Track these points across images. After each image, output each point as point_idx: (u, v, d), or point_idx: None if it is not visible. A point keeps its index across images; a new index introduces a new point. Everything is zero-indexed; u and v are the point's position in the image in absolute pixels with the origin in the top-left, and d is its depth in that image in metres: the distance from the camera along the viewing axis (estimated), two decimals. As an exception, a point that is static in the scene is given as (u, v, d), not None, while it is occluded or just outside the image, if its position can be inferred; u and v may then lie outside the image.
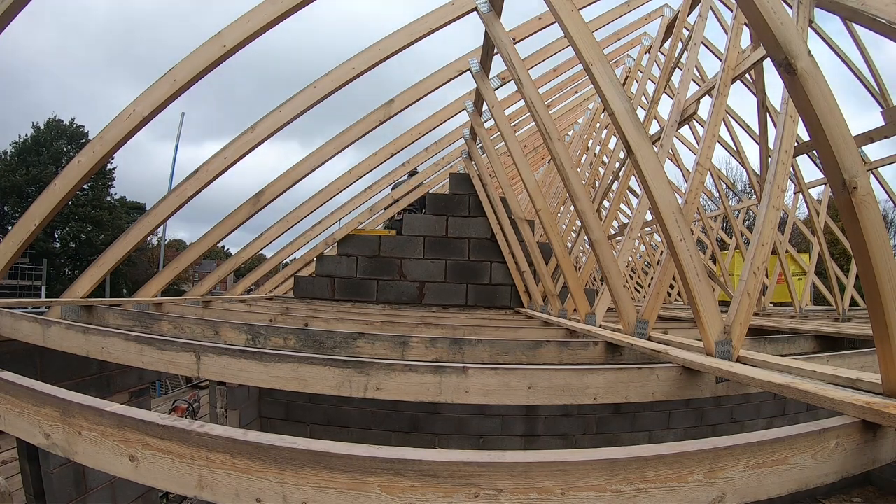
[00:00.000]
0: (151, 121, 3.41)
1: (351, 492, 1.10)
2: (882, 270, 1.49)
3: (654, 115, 6.25)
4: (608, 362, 2.94)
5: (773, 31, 1.50)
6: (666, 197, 2.37)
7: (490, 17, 4.01)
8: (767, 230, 2.55)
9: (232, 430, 1.20)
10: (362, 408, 6.65)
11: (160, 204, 4.22)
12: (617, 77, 2.56)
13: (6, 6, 2.61)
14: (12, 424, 1.48)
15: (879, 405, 1.38)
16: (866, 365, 2.24)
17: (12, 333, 2.93)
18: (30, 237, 3.51)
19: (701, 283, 2.33)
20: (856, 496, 6.30)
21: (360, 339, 2.93)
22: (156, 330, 3.30)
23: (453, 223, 7.45)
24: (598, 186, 7.13)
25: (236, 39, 3.31)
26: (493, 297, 7.33)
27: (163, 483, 1.22)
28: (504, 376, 2.07)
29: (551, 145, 3.62)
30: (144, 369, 3.31)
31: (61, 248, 33.91)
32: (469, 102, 6.05)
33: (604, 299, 3.96)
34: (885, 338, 1.53)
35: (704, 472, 1.17)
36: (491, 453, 1.13)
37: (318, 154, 5.25)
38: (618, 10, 6.10)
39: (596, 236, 3.47)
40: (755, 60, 3.55)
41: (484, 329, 3.95)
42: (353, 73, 4.13)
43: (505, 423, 6.88)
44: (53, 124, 34.29)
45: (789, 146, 2.74)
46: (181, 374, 2.66)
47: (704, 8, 4.64)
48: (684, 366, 2.18)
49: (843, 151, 1.48)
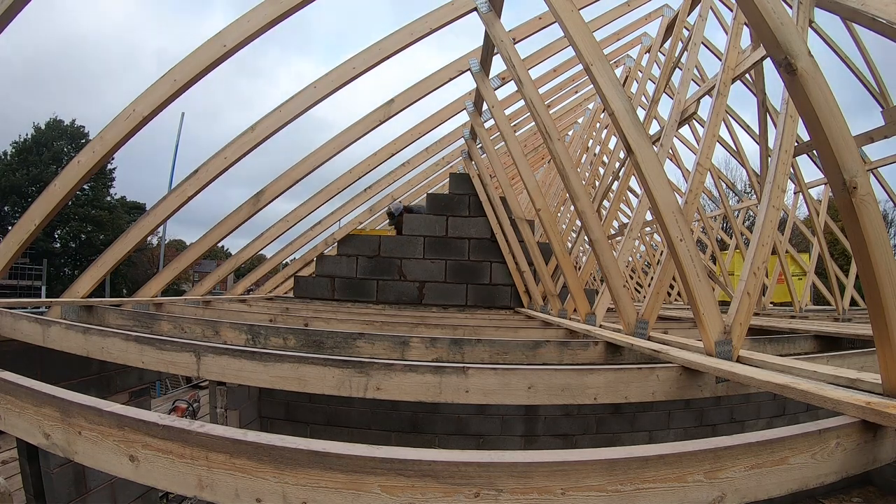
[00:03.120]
0: (151, 121, 3.42)
1: (351, 492, 1.10)
2: (882, 270, 1.48)
3: (654, 115, 6.25)
4: (608, 362, 2.94)
5: (773, 31, 1.50)
6: (666, 197, 2.37)
7: (490, 17, 4.01)
8: (767, 230, 2.55)
9: (232, 430, 1.20)
10: (362, 408, 6.65)
11: (160, 204, 4.22)
12: (617, 77, 2.56)
13: (6, 6, 2.61)
14: (12, 424, 1.48)
15: (879, 405, 1.38)
16: (866, 365, 2.24)
17: (12, 333, 2.93)
18: (30, 237, 3.52)
19: (701, 283, 2.33)
20: (856, 496, 6.29)
21: (360, 339, 2.93)
22: (156, 330, 3.30)
23: (453, 223, 7.45)
24: (598, 186, 7.13)
25: (236, 39, 3.32)
26: (493, 297, 7.33)
27: (163, 483, 1.22)
28: (504, 376, 2.07)
29: (551, 145, 3.62)
30: (144, 369, 3.31)
31: (61, 248, 33.94)
32: (469, 102, 6.05)
33: (604, 299, 3.96)
34: (886, 338, 1.53)
35: (704, 472, 1.17)
36: (491, 453, 1.12)
37: (319, 154, 5.26)
38: (618, 10, 6.10)
39: (596, 236, 3.47)
40: (755, 60, 3.55)
41: (484, 329, 3.95)
42: (353, 72, 4.13)
43: (505, 423, 6.88)
44: (53, 124, 34.34)
45: (789, 146, 2.74)
46: (181, 374, 2.65)
47: (704, 8, 4.64)
48: (684, 366, 2.18)
49: (843, 151, 1.48)
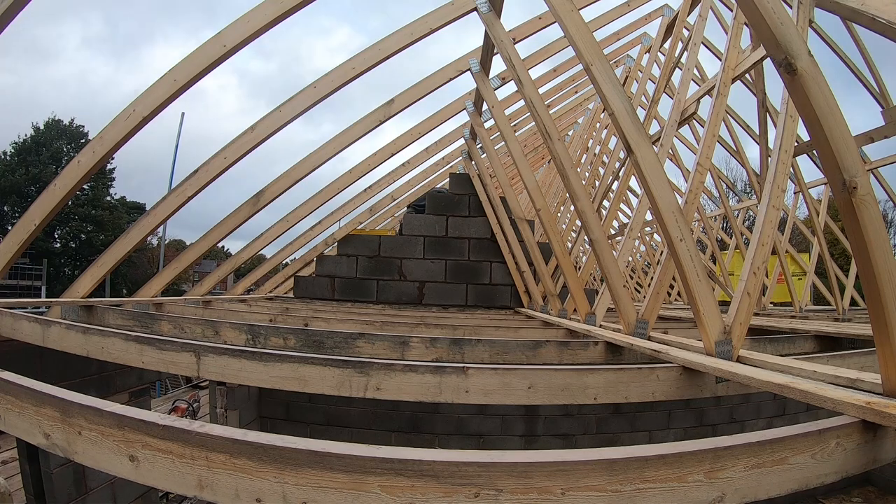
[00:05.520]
0: (151, 121, 3.42)
1: (351, 492, 1.09)
2: (882, 270, 1.48)
3: (654, 115, 6.24)
4: (608, 362, 2.94)
5: (773, 31, 1.50)
6: (666, 197, 2.37)
7: (490, 17, 4.01)
8: (767, 230, 2.55)
9: (232, 430, 1.20)
10: (362, 408, 6.64)
11: (160, 204, 4.23)
12: (617, 77, 2.56)
13: (6, 6, 2.61)
14: (12, 424, 1.48)
15: (879, 405, 1.38)
16: (866, 365, 2.23)
17: (12, 333, 2.93)
18: (30, 237, 3.52)
19: (701, 283, 2.33)
20: (856, 496, 6.29)
21: (360, 339, 2.93)
22: (156, 330, 3.30)
23: (453, 223, 7.45)
24: (598, 186, 7.13)
25: (236, 39, 3.32)
26: (493, 297, 7.33)
27: (163, 483, 1.22)
28: (504, 376, 2.07)
29: (551, 145, 3.61)
30: (144, 369, 3.32)
31: (61, 248, 33.94)
32: (469, 102, 6.05)
33: (604, 299, 3.96)
34: (886, 338, 1.53)
35: (704, 472, 1.17)
36: (491, 453, 1.12)
37: (319, 154, 5.26)
38: (618, 10, 6.10)
39: (596, 236, 3.47)
40: (755, 60, 3.55)
41: (484, 329, 3.95)
42: (353, 72, 4.13)
43: (505, 423, 6.87)
44: (53, 124, 34.33)
45: (789, 146, 2.74)
46: (181, 374, 2.66)
47: (704, 8, 4.64)
48: (684, 366, 2.18)
49: (843, 151, 1.48)
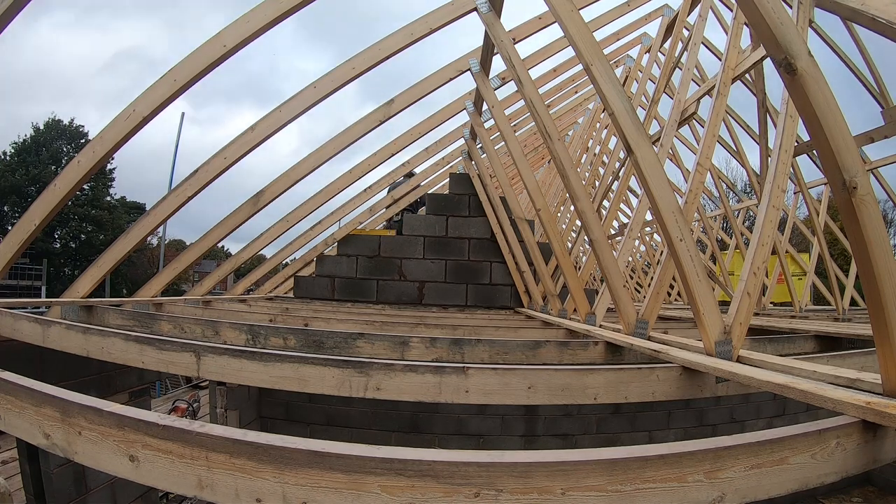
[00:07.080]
0: (151, 121, 3.42)
1: (351, 492, 1.10)
2: (882, 270, 1.48)
3: (654, 115, 6.25)
4: (608, 362, 2.94)
5: (773, 31, 1.50)
6: (666, 197, 2.37)
7: (490, 17, 4.01)
8: (767, 230, 2.55)
9: (232, 430, 1.20)
10: (362, 408, 6.64)
11: (160, 204, 4.22)
12: (617, 77, 2.56)
13: (6, 6, 2.61)
14: (12, 424, 1.48)
15: (880, 405, 1.38)
16: (866, 365, 2.23)
17: (12, 333, 2.93)
18: (30, 237, 3.51)
19: (701, 283, 2.33)
20: (856, 496, 6.28)
21: (359, 339, 2.93)
22: (156, 330, 3.30)
23: (453, 223, 7.45)
24: (598, 186, 7.13)
25: (236, 39, 3.32)
26: (493, 297, 7.33)
27: (163, 483, 1.22)
28: (504, 376, 2.07)
29: (551, 145, 3.61)
30: (144, 369, 3.31)
31: (61, 248, 33.92)
32: (469, 102, 6.04)
33: (604, 299, 3.96)
34: (886, 338, 1.53)
35: (704, 472, 1.17)
36: (491, 453, 1.12)
37: (319, 154, 5.26)
38: (618, 10, 6.10)
39: (596, 236, 3.47)
40: (755, 60, 3.55)
41: (484, 329, 3.95)
42: (353, 72, 4.13)
43: (505, 423, 6.87)
44: (53, 124, 34.32)
45: (789, 146, 2.74)
46: (181, 374, 2.65)
47: (704, 8, 4.64)
48: (684, 366, 2.18)
49: (843, 151, 1.48)
